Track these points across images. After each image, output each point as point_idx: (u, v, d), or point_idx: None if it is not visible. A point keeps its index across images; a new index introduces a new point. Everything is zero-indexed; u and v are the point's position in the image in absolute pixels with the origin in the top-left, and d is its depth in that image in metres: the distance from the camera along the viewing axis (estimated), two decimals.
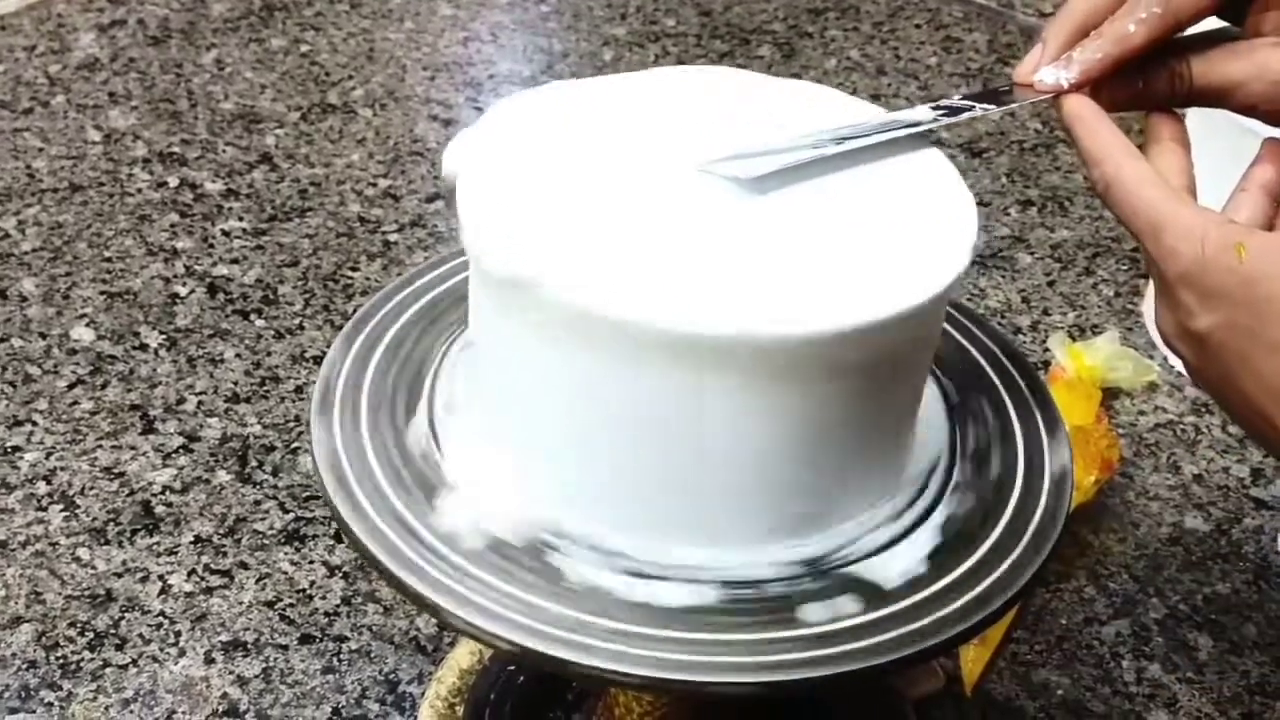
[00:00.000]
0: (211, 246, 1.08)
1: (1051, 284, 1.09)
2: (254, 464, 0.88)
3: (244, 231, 1.09)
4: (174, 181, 1.15)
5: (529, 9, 1.46)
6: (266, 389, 0.94)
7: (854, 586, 0.51)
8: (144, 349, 0.97)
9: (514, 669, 0.72)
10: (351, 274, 1.05)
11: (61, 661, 0.75)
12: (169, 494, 0.86)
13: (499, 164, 0.52)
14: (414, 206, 1.13)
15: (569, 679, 0.69)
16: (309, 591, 0.80)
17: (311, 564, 0.82)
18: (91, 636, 0.77)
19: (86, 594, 0.79)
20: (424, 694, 0.73)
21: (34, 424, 0.90)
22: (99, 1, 1.40)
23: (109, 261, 1.05)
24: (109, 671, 0.75)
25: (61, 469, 0.87)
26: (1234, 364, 0.48)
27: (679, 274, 0.47)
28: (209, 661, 0.76)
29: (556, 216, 0.50)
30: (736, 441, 0.49)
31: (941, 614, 0.50)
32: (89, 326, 0.99)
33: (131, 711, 0.73)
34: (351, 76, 1.31)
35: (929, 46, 1.41)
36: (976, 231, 0.51)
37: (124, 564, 0.81)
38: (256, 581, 0.81)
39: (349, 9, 1.43)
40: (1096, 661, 0.80)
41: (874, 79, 1.35)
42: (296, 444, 0.90)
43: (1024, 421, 0.59)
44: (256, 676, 0.75)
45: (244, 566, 0.82)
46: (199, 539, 0.83)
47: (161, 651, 0.76)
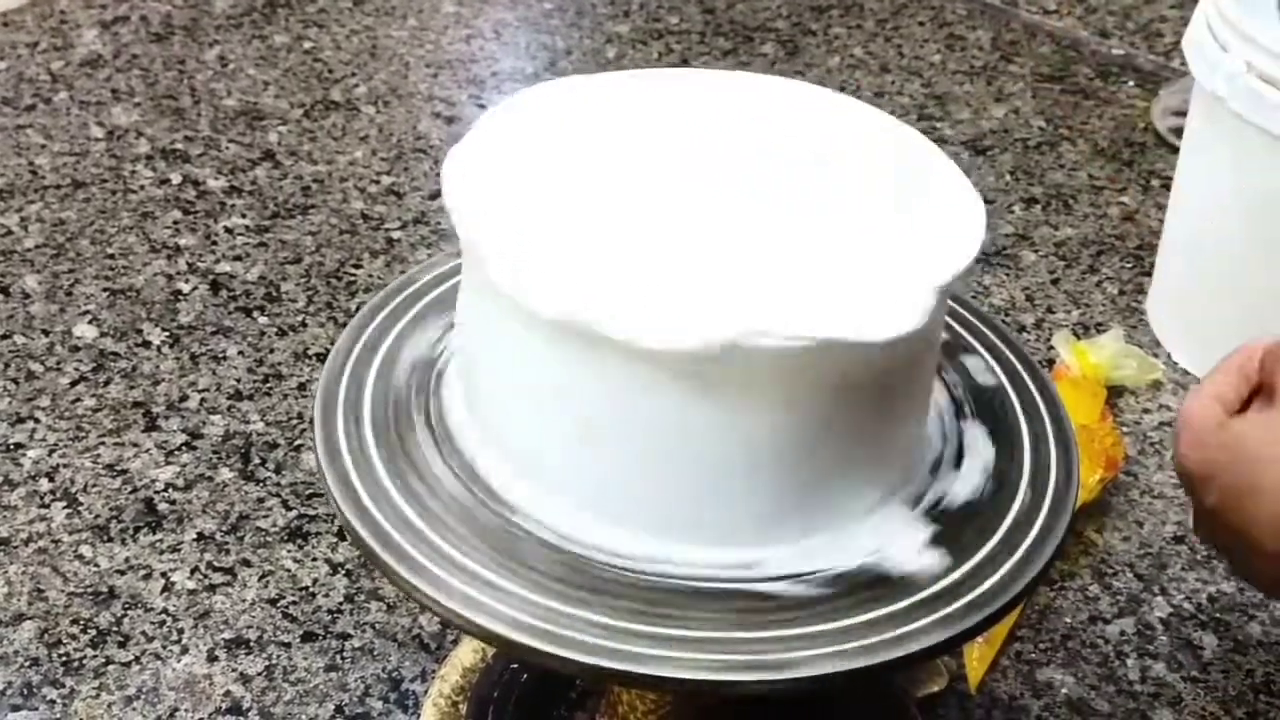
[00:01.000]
0: (214, 243, 1.07)
1: (1056, 282, 1.09)
2: (257, 461, 0.88)
3: (247, 228, 1.09)
4: (177, 178, 1.15)
5: (532, 6, 1.45)
6: (269, 386, 0.94)
7: (852, 586, 0.51)
8: (147, 346, 0.97)
9: (517, 667, 0.72)
10: (355, 271, 1.05)
11: (64, 659, 0.75)
12: (172, 491, 0.86)
13: (493, 173, 0.52)
14: (417, 204, 1.13)
15: (569, 676, 0.69)
16: (312, 589, 0.80)
17: (314, 561, 0.82)
18: (94, 634, 0.77)
19: (89, 591, 0.79)
20: (427, 692, 0.73)
21: (37, 421, 0.90)
22: None
23: (112, 258, 1.05)
24: (111, 669, 0.75)
25: (64, 466, 0.87)
26: (1241, 524, 0.50)
27: (676, 285, 0.47)
28: (212, 659, 0.76)
29: (552, 228, 0.49)
30: (734, 445, 0.49)
31: (943, 613, 0.50)
32: (92, 323, 0.99)
33: (134, 709, 0.73)
34: (354, 74, 1.31)
35: (932, 44, 1.41)
36: (973, 254, 0.51)
37: (126, 561, 0.81)
38: (259, 579, 0.81)
39: (352, 6, 1.42)
40: (1101, 660, 0.79)
41: (877, 76, 1.35)
42: (299, 441, 0.90)
43: (1031, 423, 0.58)
44: (259, 674, 0.75)
45: (247, 564, 0.81)
46: (202, 536, 0.83)
47: (164, 649, 0.76)
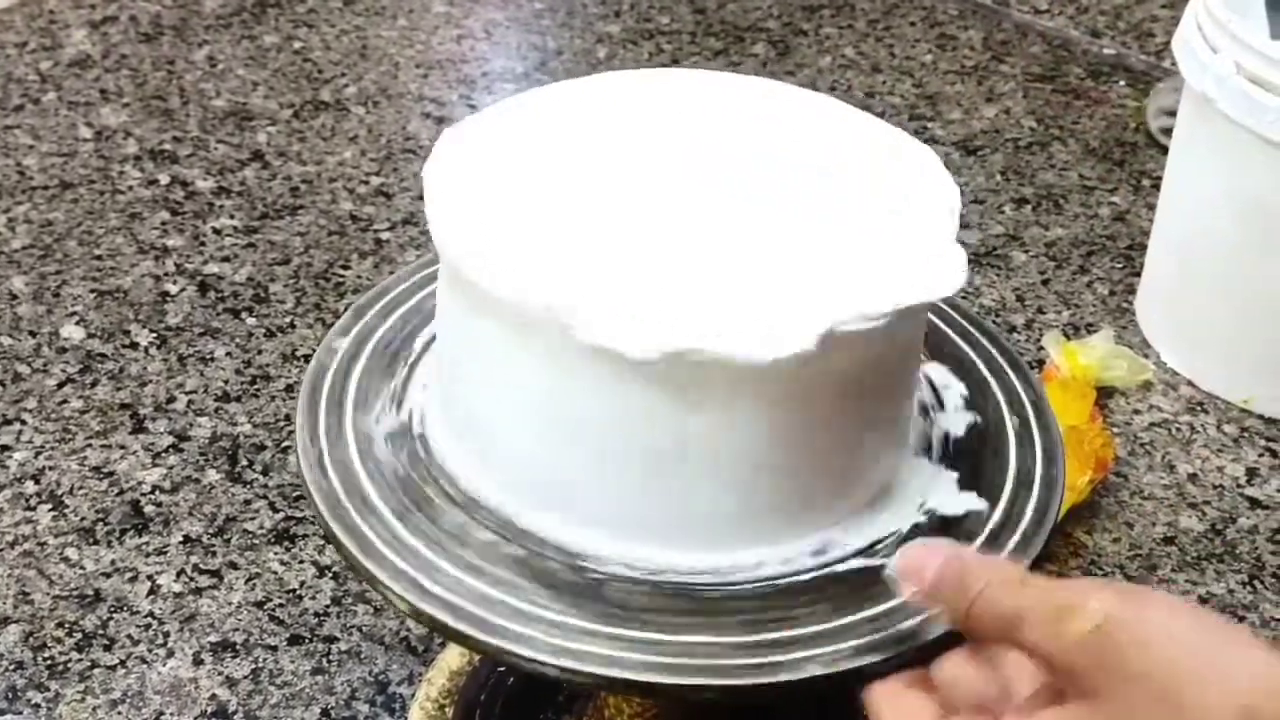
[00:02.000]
0: (202, 244, 1.07)
1: (1046, 282, 1.09)
2: (244, 463, 0.88)
3: (235, 229, 1.09)
4: (165, 179, 1.14)
5: (523, 6, 1.45)
6: (257, 388, 0.94)
7: (841, 586, 0.51)
8: (134, 347, 0.97)
9: (504, 670, 0.72)
10: (343, 272, 1.05)
11: (49, 662, 0.75)
12: (158, 493, 0.85)
13: (472, 173, 0.52)
14: (406, 204, 1.13)
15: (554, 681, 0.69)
16: (299, 592, 0.80)
17: (301, 564, 0.81)
18: (80, 637, 0.77)
19: (75, 594, 0.79)
20: (414, 695, 0.73)
21: (23, 423, 0.90)
22: None
23: (99, 259, 1.05)
24: (97, 672, 0.75)
25: (50, 468, 0.87)
26: None
27: (653, 287, 0.47)
28: (198, 662, 0.76)
29: (532, 229, 0.49)
30: (711, 450, 0.49)
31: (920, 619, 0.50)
32: (79, 325, 0.98)
33: (119, 712, 0.73)
34: (344, 74, 1.30)
35: (924, 44, 1.41)
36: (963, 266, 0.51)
37: (113, 564, 0.81)
38: (246, 582, 0.80)
39: (342, 6, 1.42)
40: None
41: (869, 76, 1.35)
42: (287, 443, 0.89)
43: (1021, 441, 0.58)
44: (245, 677, 0.75)
45: (233, 566, 0.81)
46: (188, 539, 0.83)
47: (150, 652, 0.76)
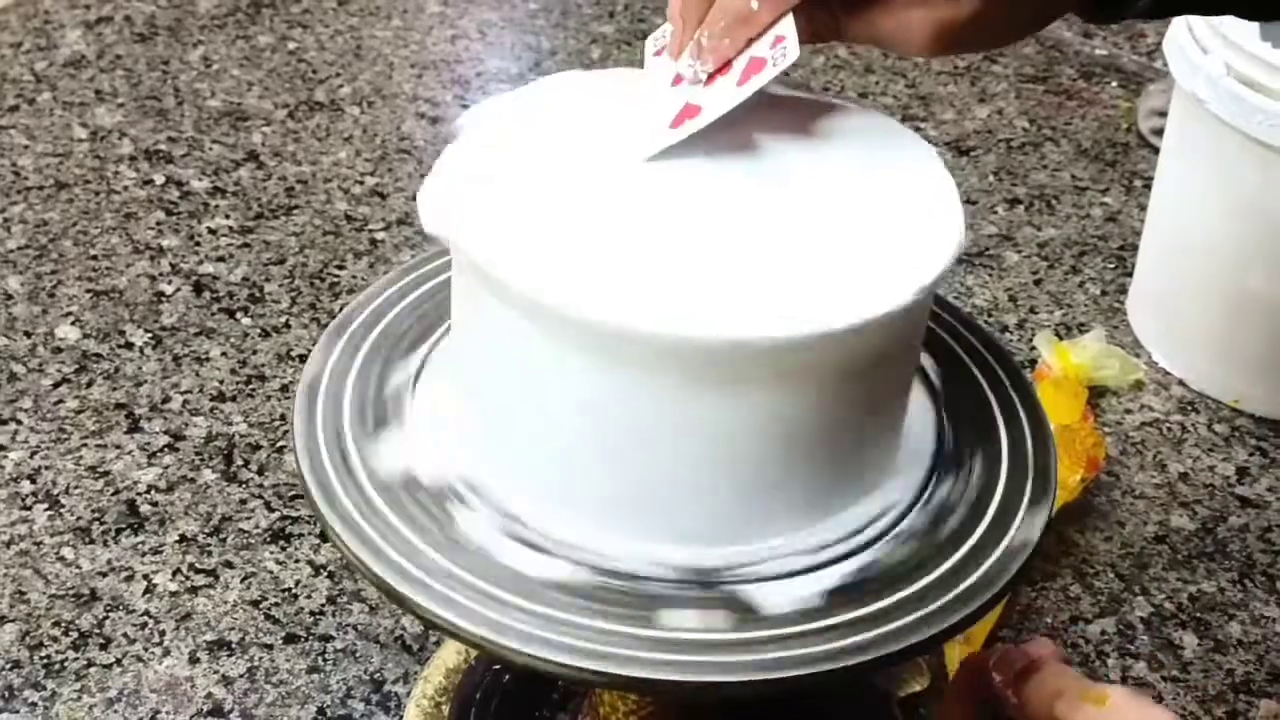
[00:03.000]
0: (198, 244, 1.07)
1: (1038, 282, 1.10)
2: (239, 463, 0.88)
3: (230, 229, 1.09)
4: (160, 179, 1.14)
5: (517, 7, 1.45)
6: (252, 388, 0.94)
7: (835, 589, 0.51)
8: (129, 347, 0.97)
9: (500, 668, 0.72)
10: (338, 272, 1.05)
11: (45, 661, 0.75)
12: (154, 493, 0.86)
13: (476, 159, 0.52)
14: (401, 204, 1.13)
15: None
16: (294, 590, 0.80)
17: (297, 563, 0.82)
18: (76, 636, 0.77)
19: (71, 593, 0.79)
20: (410, 693, 0.73)
21: (18, 423, 0.90)
22: None
23: (94, 260, 1.05)
24: (93, 671, 0.75)
25: (46, 468, 0.87)
26: None
27: (655, 275, 0.47)
28: (193, 661, 0.76)
29: (530, 213, 0.50)
30: (712, 442, 0.49)
31: (921, 613, 0.50)
32: (74, 325, 0.98)
33: (115, 711, 0.73)
34: (339, 74, 1.31)
35: None
36: (962, 231, 0.51)
37: (109, 563, 0.81)
38: (241, 580, 0.80)
39: (336, 6, 1.42)
40: (1082, 660, 0.80)
41: (861, 77, 1.35)
42: (282, 443, 0.90)
43: (1012, 475, 0.57)
44: (241, 676, 0.75)
45: (229, 565, 0.81)
46: (184, 538, 0.83)
47: (146, 651, 0.76)
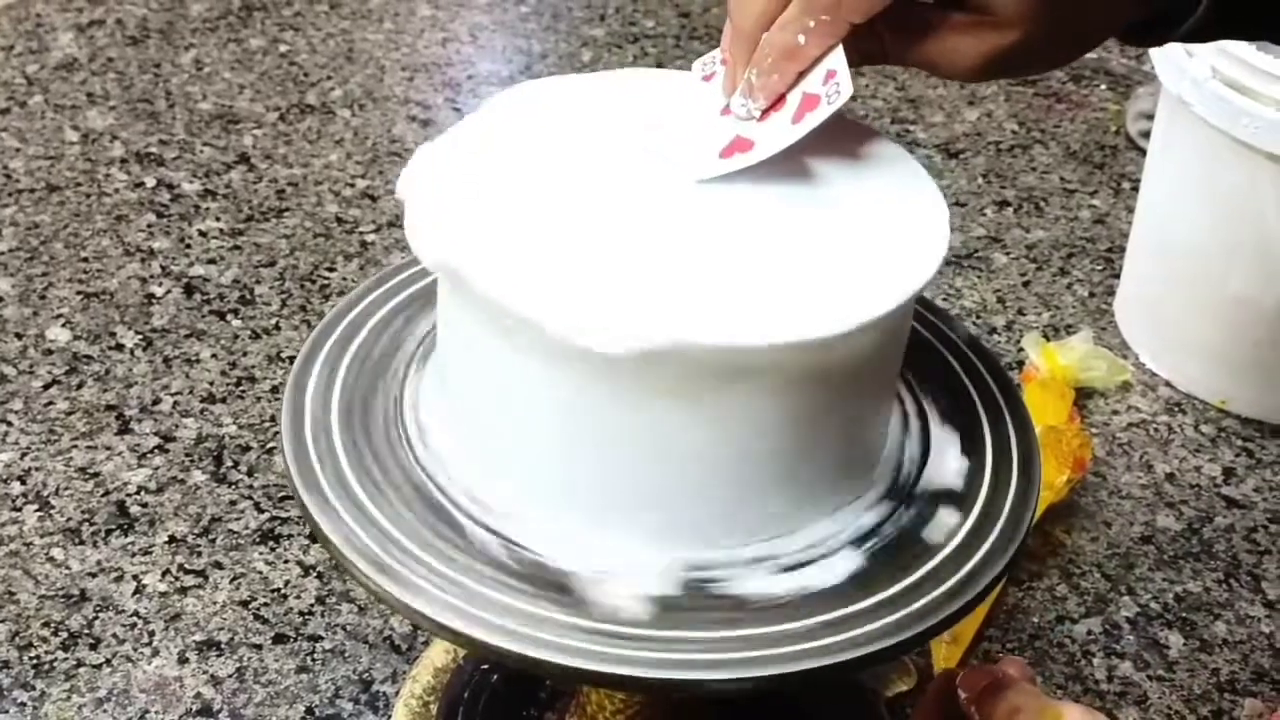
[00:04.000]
0: (188, 247, 1.07)
1: (1026, 284, 1.10)
2: (229, 464, 0.88)
3: (221, 232, 1.09)
4: (151, 182, 1.15)
5: (508, 10, 1.46)
6: (242, 389, 0.94)
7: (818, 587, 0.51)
8: (120, 349, 0.97)
9: (488, 668, 0.72)
10: (329, 274, 1.06)
11: (35, 661, 0.75)
12: (144, 494, 0.86)
13: (456, 168, 0.52)
14: (391, 207, 1.13)
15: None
16: (283, 591, 0.80)
17: (286, 564, 0.82)
18: (65, 636, 0.77)
19: (60, 594, 0.79)
20: (398, 693, 0.73)
21: (9, 424, 0.90)
22: (77, 1, 1.40)
23: (86, 262, 1.05)
24: (82, 671, 0.75)
25: (36, 469, 0.87)
26: None
27: (636, 285, 0.47)
28: (183, 661, 0.76)
29: (506, 222, 0.50)
30: (695, 446, 0.49)
31: (901, 614, 0.50)
32: (65, 327, 0.99)
33: (105, 711, 0.73)
34: (330, 77, 1.31)
35: None
36: (945, 242, 0.51)
37: (98, 564, 0.81)
38: (231, 581, 0.81)
39: (328, 9, 1.42)
40: (1068, 659, 0.80)
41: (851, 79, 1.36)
42: (272, 444, 0.90)
43: (996, 475, 0.58)
44: (230, 676, 0.75)
45: (218, 566, 0.82)
46: (174, 539, 0.83)
47: (135, 651, 0.76)
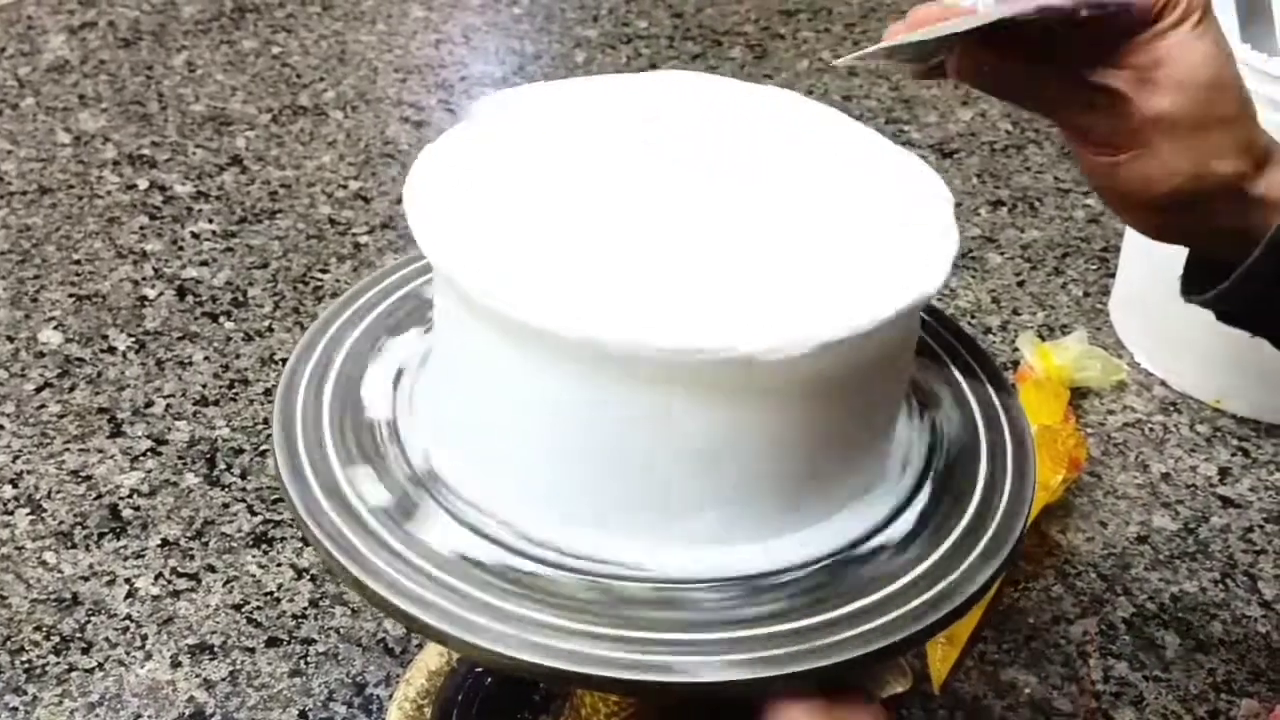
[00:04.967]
0: (181, 249, 1.07)
1: (1021, 284, 1.10)
2: (222, 467, 0.88)
3: (214, 234, 1.09)
4: (143, 184, 1.14)
5: (501, 11, 1.46)
6: (235, 392, 0.94)
7: (812, 587, 0.51)
8: (112, 352, 0.97)
9: (481, 670, 0.72)
10: (321, 276, 1.05)
11: (26, 665, 0.75)
12: (136, 497, 0.86)
13: (457, 171, 0.52)
14: (385, 208, 1.13)
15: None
16: (276, 594, 0.80)
17: (279, 567, 0.82)
18: (57, 640, 0.77)
19: (52, 597, 0.79)
20: (392, 696, 0.73)
21: (0, 427, 0.90)
22: (69, 3, 1.40)
23: (78, 264, 1.05)
24: (75, 675, 0.75)
25: (28, 472, 0.87)
26: None
27: (643, 289, 0.47)
28: (175, 665, 0.76)
29: (511, 227, 0.50)
30: (693, 449, 0.49)
31: (897, 614, 0.50)
32: (57, 329, 0.98)
33: (97, 715, 0.73)
34: (323, 79, 1.31)
35: None
36: (955, 245, 0.51)
37: (90, 567, 0.81)
38: (224, 584, 0.80)
39: (320, 11, 1.42)
40: (1064, 660, 0.80)
41: (845, 80, 1.36)
42: (265, 447, 0.89)
43: (991, 474, 0.57)
44: (223, 679, 0.75)
45: (211, 569, 0.81)
46: (166, 542, 0.83)
47: (128, 655, 0.76)
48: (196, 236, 1.09)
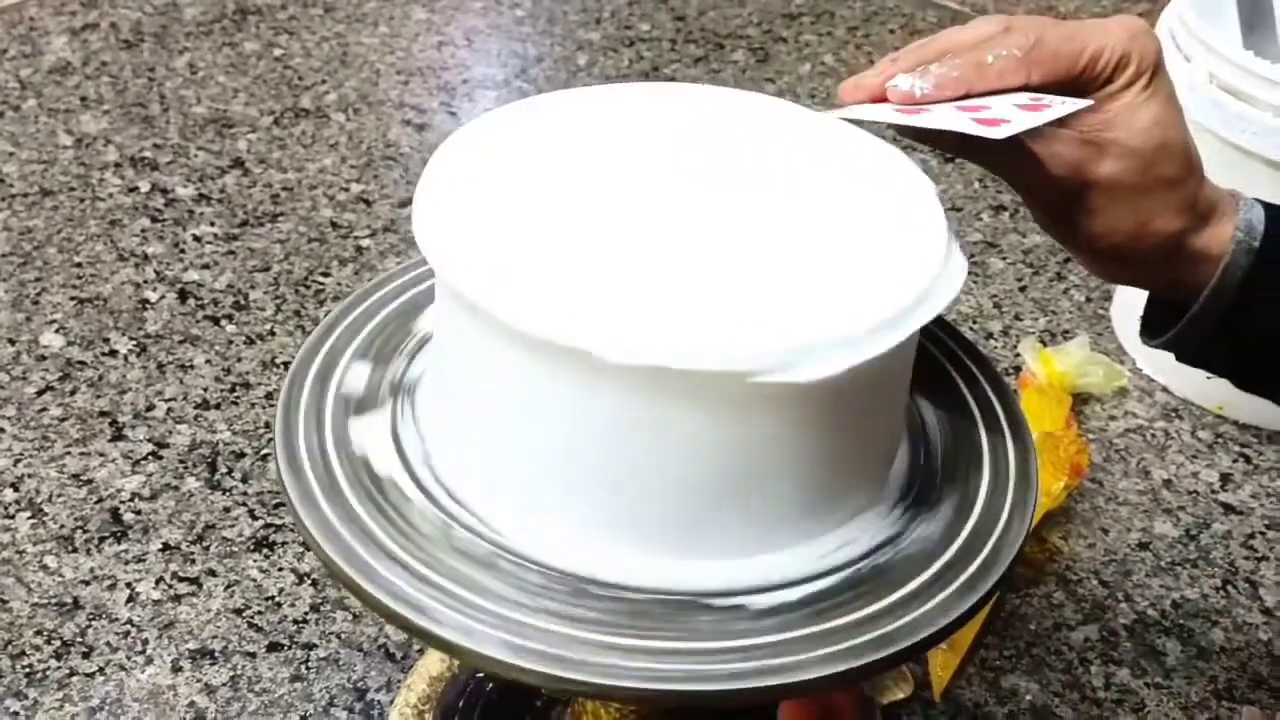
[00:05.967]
0: (182, 252, 1.07)
1: (1023, 289, 1.10)
2: (223, 471, 0.88)
3: (215, 237, 1.09)
4: (145, 186, 1.14)
5: (503, 13, 1.46)
6: (237, 395, 0.94)
7: (820, 595, 0.51)
8: (114, 355, 0.97)
9: (483, 676, 0.72)
10: (323, 279, 1.05)
11: (28, 670, 0.75)
12: (137, 501, 0.86)
13: (461, 181, 0.52)
14: (386, 211, 1.13)
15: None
16: (277, 599, 0.80)
17: (280, 571, 0.82)
18: (58, 645, 0.77)
19: (53, 602, 0.79)
20: (393, 701, 0.73)
21: (1, 431, 0.90)
22: (71, 5, 1.40)
23: (79, 267, 1.05)
24: (75, 680, 0.75)
25: (29, 476, 0.87)
26: None
27: (642, 300, 0.47)
28: (176, 670, 0.76)
29: (514, 237, 0.49)
30: (694, 462, 0.49)
31: (900, 623, 0.50)
32: (58, 332, 0.98)
33: None
34: (325, 81, 1.31)
35: None
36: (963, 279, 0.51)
37: (91, 572, 0.81)
38: (225, 589, 0.80)
39: (322, 13, 1.42)
40: (1065, 667, 0.80)
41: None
42: (266, 450, 0.89)
43: (994, 483, 0.57)
44: (224, 684, 0.75)
45: (212, 574, 0.81)
46: (167, 546, 0.83)
47: (129, 660, 0.76)
48: (198, 239, 1.08)
